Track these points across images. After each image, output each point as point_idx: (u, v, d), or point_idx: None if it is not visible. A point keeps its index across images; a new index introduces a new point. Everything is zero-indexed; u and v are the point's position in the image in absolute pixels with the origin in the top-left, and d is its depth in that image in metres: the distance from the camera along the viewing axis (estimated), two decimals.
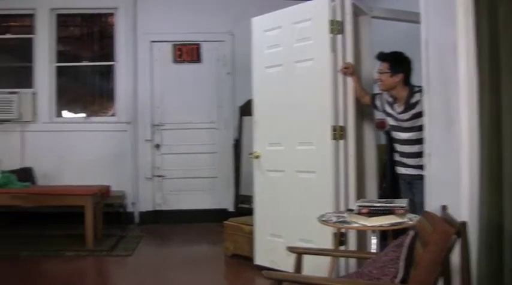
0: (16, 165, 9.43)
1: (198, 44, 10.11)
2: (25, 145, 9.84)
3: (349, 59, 5.81)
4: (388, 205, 4.35)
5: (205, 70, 10.12)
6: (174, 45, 10.10)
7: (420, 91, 5.00)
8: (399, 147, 5.58)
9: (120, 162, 9.90)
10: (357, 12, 6.06)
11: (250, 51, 6.75)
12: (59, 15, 10.20)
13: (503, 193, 3.55)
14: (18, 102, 9.71)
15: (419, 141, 5.09)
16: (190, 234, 9.03)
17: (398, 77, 5.38)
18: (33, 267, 6.89)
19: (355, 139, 5.82)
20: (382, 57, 5.53)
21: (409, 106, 5.32)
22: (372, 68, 6.05)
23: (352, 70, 5.77)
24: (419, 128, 5.08)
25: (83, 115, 10.38)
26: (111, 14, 10.24)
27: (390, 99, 5.56)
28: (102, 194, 8.31)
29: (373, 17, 6.30)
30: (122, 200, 9.55)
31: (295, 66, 6.19)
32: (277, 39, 6.40)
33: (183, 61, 10.14)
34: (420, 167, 5.01)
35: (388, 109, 5.59)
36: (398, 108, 5.44)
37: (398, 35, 7.03)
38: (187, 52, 10.14)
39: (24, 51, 10.15)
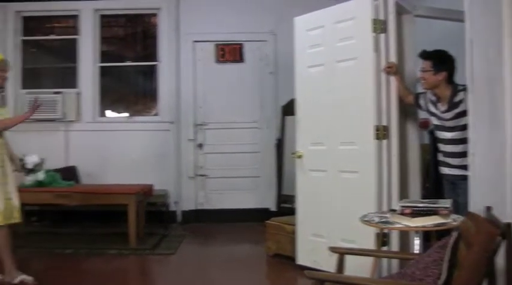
0: (60, 164, 9.55)
1: (240, 44, 10.12)
2: (69, 144, 9.98)
3: (392, 59, 5.77)
4: (431, 205, 4.31)
5: (248, 70, 10.13)
6: (217, 45, 10.12)
7: (464, 89, 4.93)
8: (443, 147, 5.51)
9: (163, 161, 9.96)
10: (400, 11, 6.00)
11: (293, 51, 6.75)
12: (103, 16, 10.33)
13: None
14: (63, 101, 9.84)
15: (463, 141, 5.01)
16: (232, 233, 9.07)
17: (442, 75, 5.30)
18: (76, 265, 6.99)
19: (398, 138, 5.77)
20: (425, 55, 5.46)
21: (452, 105, 5.25)
22: (415, 67, 5.98)
23: (395, 70, 5.73)
24: (463, 127, 5.00)
25: (126, 114, 10.47)
26: (154, 15, 10.32)
27: (433, 98, 5.50)
28: (145, 193, 8.38)
29: (417, 16, 6.22)
30: (164, 199, 9.62)
31: (337, 66, 6.17)
32: (320, 39, 6.38)
33: (226, 61, 10.16)
34: (464, 167, 4.93)
35: (432, 109, 5.53)
36: (442, 107, 5.37)
37: (443, 34, 6.95)
38: (230, 52, 10.16)
39: (68, 51, 10.30)
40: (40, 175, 7.25)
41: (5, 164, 5.85)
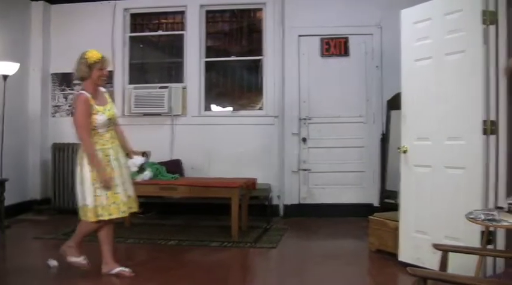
0: (166, 157, 9.77)
1: (345, 38, 10.04)
2: (174, 138, 10.19)
3: (502, 51, 5.59)
4: None
5: (353, 63, 10.04)
6: (322, 39, 10.08)
7: None
8: None
9: (267, 155, 10.02)
10: (510, 2, 5.81)
11: (399, 44, 6.64)
12: (208, 12, 10.50)
13: None
14: (169, 96, 10.06)
15: None
16: (334, 228, 9.02)
17: None
18: (178, 256, 7.09)
19: (506, 134, 5.60)
20: None
21: None
22: None
23: None
24: None
25: (231, 109, 10.56)
26: (260, 9, 10.39)
27: None
28: (248, 186, 8.44)
29: None
30: (267, 193, 9.66)
31: (445, 59, 6.02)
32: (427, 31, 6.25)
33: (331, 55, 10.10)
34: None
35: None
36: None
37: None
38: (335, 46, 10.09)
39: (174, 47, 10.56)
40: (147, 174, 7.37)
41: (116, 158, 6.01)
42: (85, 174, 5.80)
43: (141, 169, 6.52)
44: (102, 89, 6.14)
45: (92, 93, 5.90)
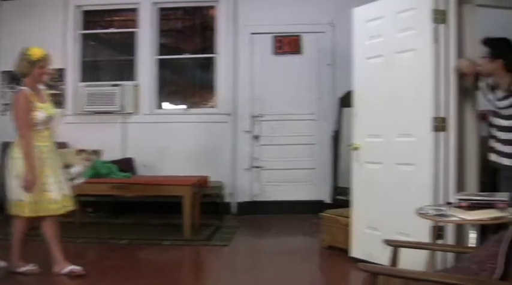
0: (118, 156, 9.68)
1: (298, 36, 10.09)
2: (126, 136, 10.10)
3: (452, 50, 5.67)
4: (488, 198, 4.23)
5: (306, 61, 10.09)
6: (275, 37, 10.11)
7: None
8: (495, 133, 5.45)
9: (219, 153, 10.02)
10: (461, 1, 5.89)
11: (351, 42, 6.69)
12: (161, 9, 10.44)
13: None
14: (121, 94, 9.97)
15: None
16: (287, 225, 9.05)
17: (498, 63, 5.29)
18: (130, 255, 7.05)
19: (456, 130, 5.68)
20: (484, 41, 5.45)
21: (510, 93, 5.21)
22: (477, 59, 5.89)
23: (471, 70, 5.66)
24: None
25: (183, 106, 10.53)
26: (212, 7, 10.37)
27: (493, 84, 5.45)
28: (201, 184, 8.41)
29: (478, 5, 6.09)
30: (219, 190, 9.64)
31: (396, 57, 6.08)
32: (379, 30, 6.31)
33: (284, 52, 10.14)
34: None
35: (489, 95, 5.49)
36: (499, 94, 5.33)
37: (506, 24, 6.80)
38: (288, 44, 10.13)
39: (127, 44, 10.45)
40: (79, 175, 7.27)
41: (52, 156, 5.95)
42: (21, 168, 5.71)
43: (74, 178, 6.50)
44: (42, 87, 6.06)
45: (32, 90, 5.83)
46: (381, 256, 5.37)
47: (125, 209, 9.71)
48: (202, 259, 7.22)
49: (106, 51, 10.98)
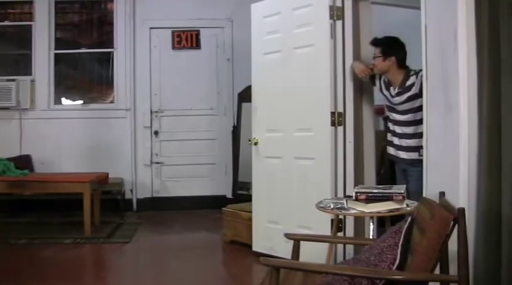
0: (14, 153, 9.43)
1: (197, 31, 10.07)
2: (23, 132, 9.81)
3: (349, 45, 5.82)
4: (386, 191, 4.33)
5: (205, 56, 10.09)
6: (173, 32, 10.06)
7: (416, 73, 5.24)
8: (393, 127, 5.62)
9: (119, 149, 9.90)
10: None
11: (249, 38, 6.73)
12: (58, 2, 10.16)
13: (501, 179, 3.54)
14: (17, 89, 9.68)
15: (414, 122, 5.32)
16: (188, 221, 9.05)
17: (391, 61, 5.47)
18: (30, 255, 6.87)
19: (353, 125, 5.81)
20: (374, 42, 5.65)
21: (404, 89, 5.40)
22: (371, 54, 6.03)
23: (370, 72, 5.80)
24: (416, 109, 5.23)
25: (81, 102, 10.34)
26: (111, 1, 10.20)
27: (387, 81, 5.60)
28: (100, 181, 8.31)
29: (373, 3, 6.25)
30: (120, 187, 9.53)
31: (294, 52, 6.16)
32: (277, 25, 6.37)
33: (182, 47, 10.10)
34: (412, 149, 5.31)
35: (385, 91, 5.64)
36: (394, 90, 5.49)
37: (400, 21, 6.98)
38: (187, 39, 10.10)
39: (22, 38, 10.14)
40: None
41: None
42: None
43: None
44: None
45: None
46: (283, 250, 5.47)
47: (23, 207, 9.46)
48: (104, 257, 7.13)
49: (1, 45, 10.65)
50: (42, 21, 9.96)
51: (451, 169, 4.00)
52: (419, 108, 4.95)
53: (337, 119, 5.74)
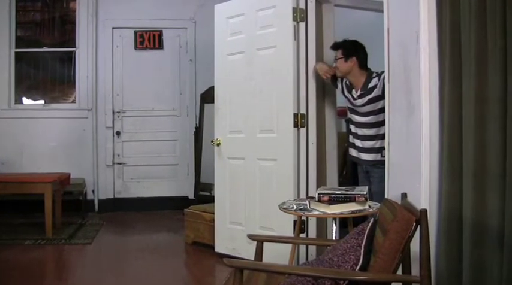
0: None
1: (160, 31, 10.03)
2: None
3: (312, 47, 5.83)
4: (348, 192, 4.36)
5: (167, 57, 10.07)
6: (136, 32, 10.00)
7: (378, 75, 5.32)
8: (355, 129, 5.69)
9: (80, 149, 9.81)
10: (320, 0, 6.06)
11: (213, 39, 6.73)
12: (18, 0, 10.03)
13: (462, 181, 3.58)
14: None
15: (375, 124, 5.41)
16: (151, 222, 9.00)
17: (352, 62, 5.55)
18: None
19: (316, 126, 5.84)
20: (335, 46, 5.75)
21: (366, 91, 5.46)
22: (331, 62, 6.07)
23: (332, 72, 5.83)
24: (378, 111, 5.34)
25: (43, 101, 10.24)
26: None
27: (349, 83, 5.65)
28: (62, 181, 8.22)
29: (336, 5, 6.29)
30: (81, 187, 9.45)
31: (257, 54, 6.17)
32: (240, 27, 6.37)
33: (145, 48, 10.06)
34: (373, 150, 5.41)
35: (346, 93, 5.69)
36: (356, 92, 5.54)
37: (363, 24, 7.04)
38: (149, 39, 10.06)
39: None
40: None
41: None
42: None
43: None
44: None
45: None
46: (246, 251, 5.49)
47: None
48: (65, 258, 7.05)
49: None
50: (2, 18, 9.79)
51: (413, 170, 4.04)
52: (381, 110, 5.01)
53: (299, 120, 5.76)
